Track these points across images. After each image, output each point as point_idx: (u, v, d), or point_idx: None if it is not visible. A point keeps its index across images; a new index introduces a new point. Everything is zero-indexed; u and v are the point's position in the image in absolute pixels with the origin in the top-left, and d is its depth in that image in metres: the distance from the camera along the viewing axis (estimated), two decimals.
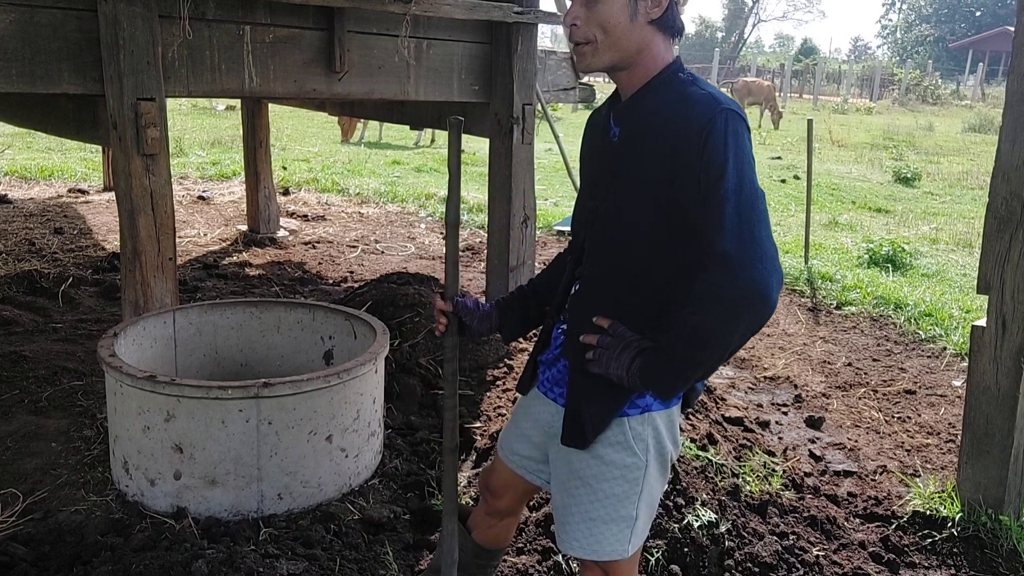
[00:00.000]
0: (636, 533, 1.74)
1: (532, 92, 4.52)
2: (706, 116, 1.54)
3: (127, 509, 2.69)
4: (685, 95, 1.61)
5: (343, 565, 2.43)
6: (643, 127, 1.64)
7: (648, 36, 1.64)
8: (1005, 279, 2.85)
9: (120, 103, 3.07)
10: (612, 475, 1.70)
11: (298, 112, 15.00)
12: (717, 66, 36.04)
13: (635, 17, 1.62)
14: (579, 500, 1.73)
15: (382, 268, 6.01)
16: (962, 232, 8.63)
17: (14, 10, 2.87)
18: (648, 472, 1.71)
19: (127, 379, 2.62)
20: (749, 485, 3.01)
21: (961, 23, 60.23)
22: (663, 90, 1.65)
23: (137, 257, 3.20)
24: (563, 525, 1.77)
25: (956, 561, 2.83)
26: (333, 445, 2.78)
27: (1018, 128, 2.78)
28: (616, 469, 1.70)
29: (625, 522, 1.72)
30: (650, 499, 1.75)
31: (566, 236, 7.51)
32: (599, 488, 1.71)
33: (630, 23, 1.62)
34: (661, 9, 1.63)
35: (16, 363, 3.77)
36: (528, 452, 1.93)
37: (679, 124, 1.56)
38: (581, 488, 1.73)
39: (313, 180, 9.58)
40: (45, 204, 7.76)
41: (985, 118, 22.80)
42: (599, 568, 1.77)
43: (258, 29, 3.50)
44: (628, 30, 1.63)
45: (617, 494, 1.71)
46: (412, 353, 3.71)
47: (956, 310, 5.51)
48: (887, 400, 4.26)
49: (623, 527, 1.72)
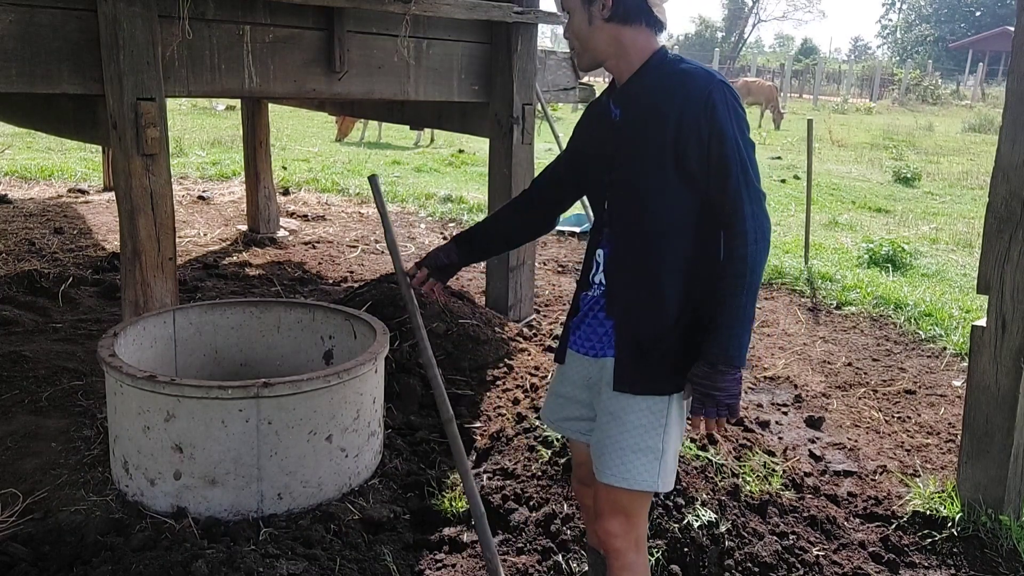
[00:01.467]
0: (664, 468, 1.93)
1: (532, 92, 4.53)
2: (706, 87, 1.80)
3: (127, 509, 2.69)
4: (680, 71, 1.85)
5: (343, 565, 2.43)
6: (644, 103, 1.87)
7: (612, 32, 1.89)
8: (1005, 279, 2.85)
9: (120, 103, 3.07)
10: (638, 407, 1.91)
11: (298, 112, 14.99)
12: (717, 66, 36.00)
13: (592, 21, 1.89)
14: (611, 432, 1.93)
15: (382, 268, 6.01)
16: (962, 232, 8.63)
17: (14, 10, 2.87)
18: (670, 408, 1.91)
19: (127, 379, 2.62)
20: (749, 485, 3.01)
21: (961, 23, 60.22)
22: (656, 71, 1.88)
23: (137, 257, 3.20)
24: (599, 457, 1.96)
25: (956, 561, 2.83)
26: (333, 445, 2.78)
27: (1018, 128, 2.78)
28: (642, 402, 1.90)
29: (653, 453, 1.90)
30: (674, 436, 1.93)
31: (566, 236, 7.51)
32: (627, 420, 1.91)
33: (590, 27, 1.90)
34: (609, 8, 1.86)
35: (16, 363, 3.77)
36: (579, 412, 2.10)
37: (680, 95, 1.81)
38: (612, 422, 1.93)
39: (313, 180, 9.58)
40: (45, 204, 7.76)
41: (985, 118, 22.80)
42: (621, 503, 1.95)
43: (258, 29, 3.50)
44: (591, 33, 1.90)
45: (644, 425, 1.90)
46: (412, 353, 3.71)
47: (956, 310, 5.51)
48: (887, 400, 4.26)
49: (651, 458, 1.91)
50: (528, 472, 2.97)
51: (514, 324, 4.40)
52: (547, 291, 5.70)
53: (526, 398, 3.44)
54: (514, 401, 3.46)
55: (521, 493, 2.88)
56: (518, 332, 4.27)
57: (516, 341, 4.09)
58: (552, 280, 6.07)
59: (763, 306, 5.77)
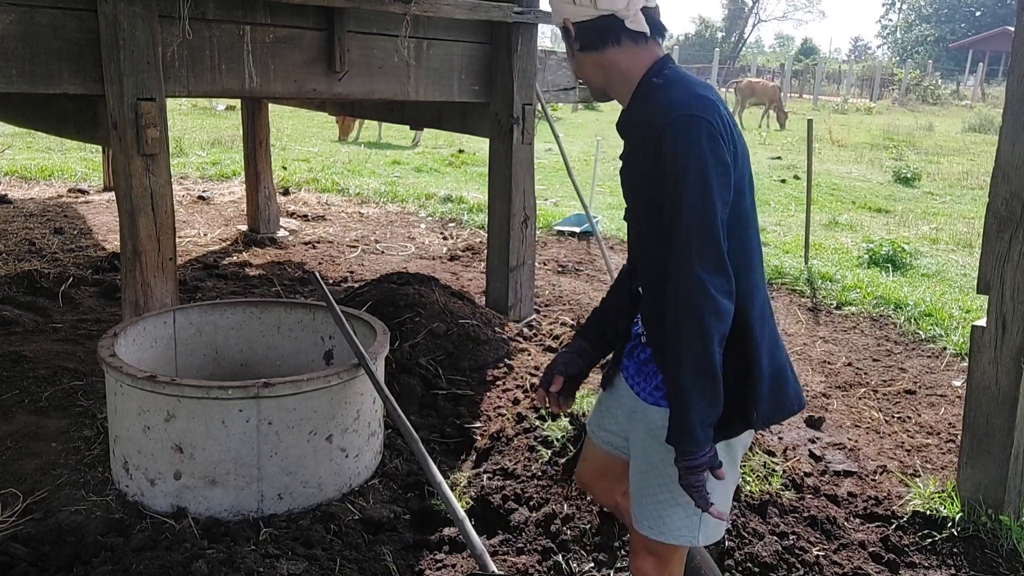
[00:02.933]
0: (706, 522, 1.80)
1: (532, 92, 4.53)
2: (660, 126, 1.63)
3: (127, 509, 2.69)
4: (653, 104, 1.70)
5: (343, 565, 2.43)
6: (634, 135, 1.78)
7: (593, 60, 1.79)
8: (1005, 279, 2.85)
9: (120, 103, 3.07)
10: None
11: (298, 112, 14.99)
12: (717, 66, 36.03)
13: (574, 54, 1.82)
14: (649, 482, 1.83)
15: (382, 268, 6.01)
16: (962, 232, 8.63)
17: (14, 10, 2.87)
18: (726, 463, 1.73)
19: (127, 379, 2.62)
20: (749, 485, 3.01)
21: (961, 23, 60.20)
22: (641, 101, 1.75)
23: (137, 257, 3.20)
24: (637, 506, 1.87)
25: (956, 561, 2.83)
26: (333, 445, 2.78)
27: (1018, 128, 2.78)
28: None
29: (692, 507, 1.73)
30: (719, 487, 1.74)
31: (566, 236, 7.51)
32: (665, 472, 1.76)
33: (574, 60, 1.83)
34: (576, 40, 1.78)
35: (16, 363, 3.77)
36: (615, 429, 2.03)
37: (647, 134, 1.68)
38: (651, 472, 1.82)
39: (313, 180, 9.58)
40: (45, 204, 7.76)
41: (985, 118, 22.79)
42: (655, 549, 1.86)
43: (258, 29, 3.50)
44: (578, 66, 1.84)
45: None
46: (412, 353, 3.71)
47: (956, 310, 5.51)
48: (887, 400, 4.26)
49: (690, 512, 1.78)
50: (528, 472, 2.97)
51: (514, 324, 4.40)
52: (547, 291, 5.70)
53: (526, 398, 3.43)
54: (514, 401, 3.46)
55: (521, 493, 2.88)
56: (518, 332, 4.27)
57: (516, 341, 4.09)
58: (552, 280, 6.07)
59: None
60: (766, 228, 8.13)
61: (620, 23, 1.73)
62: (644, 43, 1.75)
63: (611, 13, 1.72)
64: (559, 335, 4.23)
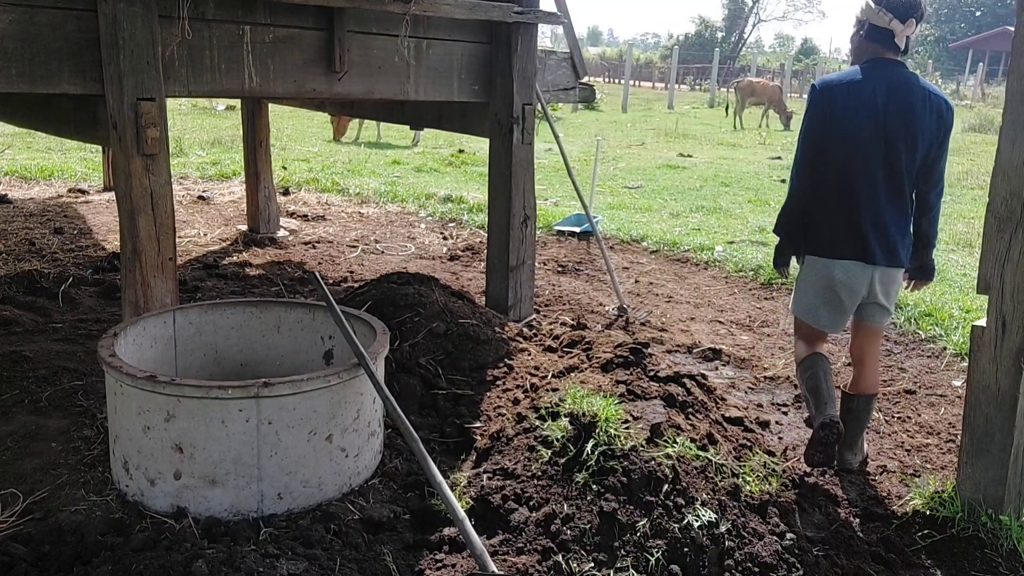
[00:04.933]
0: (795, 300, 3.46)
1: (532, 92, 4.53)
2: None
3: (127, 509, 2.69)
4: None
5: (343, 565, 2.43)
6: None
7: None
8: (1005, 279, 2.85)
9: (120, 103, 3.07)
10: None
11: (298, 112, 15.00)
12: (717, 66, 35.98)
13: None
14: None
15: (382, 268, 6.01)
16: (962, 232, 8.63)
17: (14, 10, 2.87)
18: (800, 273, 3.41)
19: (127, 379, 2.62)
20: (749, 485, 3.01)
21: (961, 23, 60.21)
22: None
23: (137, 257, 3.20)
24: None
25: (956, 561, 2.83)
26: (333, 445, 2.78)
27: (1018, 128, 2.78)
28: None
29: (794, 291, 3.52)
30: (803, 284, 3.39)
31: (566, 236, 7.49)
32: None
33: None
34: (863, 29, 3.21)
35: (16, 363, 3.78)
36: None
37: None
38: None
39: (313, 180, 9.58)
40: (45, 204, 7.76)
41: (985, 118, 22.77)
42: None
43: (258, 29, 3.50)
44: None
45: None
46: (412, 353, 3.71)
47: (956, 310, 5.51)
48: (887, 400, 4.26)
49: (794, 293, 3.51)
50: (528, 472, 2.97)
51: (514, 324, 4.40)
52: (547, 291, 5.70)
53: (526, 398, 3.43)
54: (514, 401, 3.46)
55: (521, 493, 2.87)
56: (518, 332, 4.27)
57: (516, 341, 4.08)
58: (552, 280, 6.07)
59: (763, 306, 5.77)
60: (766, 228, 8.13)
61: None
62: (886, 50, 3.27)
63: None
64: (559, 335, 4.23)
